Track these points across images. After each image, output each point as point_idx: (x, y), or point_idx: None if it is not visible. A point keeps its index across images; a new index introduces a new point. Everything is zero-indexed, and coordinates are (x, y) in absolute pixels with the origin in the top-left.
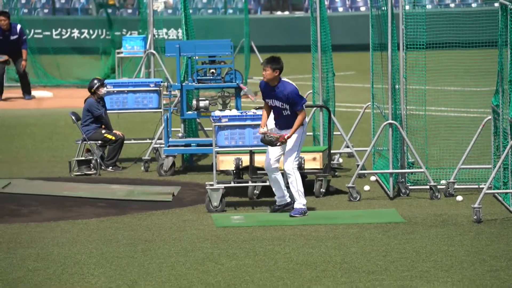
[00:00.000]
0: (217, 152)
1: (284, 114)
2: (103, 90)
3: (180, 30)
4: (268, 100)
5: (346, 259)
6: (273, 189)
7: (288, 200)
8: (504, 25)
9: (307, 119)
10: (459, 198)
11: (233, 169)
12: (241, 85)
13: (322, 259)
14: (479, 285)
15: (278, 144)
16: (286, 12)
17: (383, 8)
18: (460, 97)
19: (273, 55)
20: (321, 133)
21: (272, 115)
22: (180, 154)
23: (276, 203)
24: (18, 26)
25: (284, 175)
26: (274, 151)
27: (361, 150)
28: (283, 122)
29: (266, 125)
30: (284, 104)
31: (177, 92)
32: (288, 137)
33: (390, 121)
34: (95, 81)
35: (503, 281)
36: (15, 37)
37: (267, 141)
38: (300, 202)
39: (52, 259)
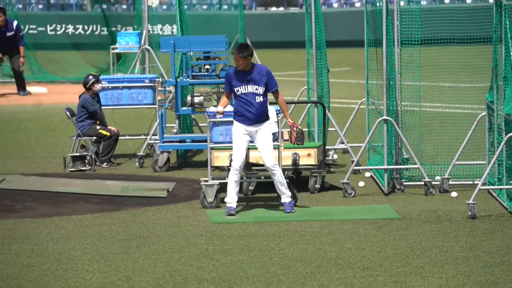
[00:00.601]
0: (212, 148)
1: (257, 101)
2: (98, 86)
3: (175, 26)
4: (239, 87)
5: (340, 255)
6: (235, 192)
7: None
8: (498, 21)
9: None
10: (454, 194)
11: (228, 165)
12: None
13: (316, 255)
14: (473, 281)
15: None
16: (281, 8)
17: (378, 4)
18: (454, 93)
19: (240, 43)
20: (315, 129)
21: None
22: (175, 150)
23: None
24: (15, 23)
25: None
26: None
27: (356, 146)
28: (255, 111)
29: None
30: (259, 88)
31: (171, 88)
32: (290, 122)
33: (384, 117)
34: (90, 77)
35: (497, 277)
36: (11, 33)
37: (300, 135)
38: (288, 194)
39: (47, 255)
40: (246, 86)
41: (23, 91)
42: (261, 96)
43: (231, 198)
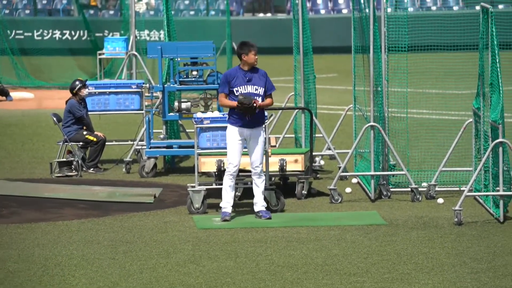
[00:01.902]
0: (199, 154)
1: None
2: (85, 91)
3: (162, 32)
4: (239, 87)
5: (327, 261)
6: (230, 197)
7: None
8: (485, 28)
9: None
10: (440, 200)
11: (215, 171)
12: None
13: (303, 261)
14: (460, 287)
15: (254, 107)
16: (268, 14)
17: (365, 10)
18: (441, 100)
19: (243, 40)
20: (302, 135)
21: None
22: (162, 156)
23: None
24: None
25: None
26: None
27: (343, 152)
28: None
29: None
30: (260, 89)
31: (159, 94)
32: (260, 105)
33: (372, 123)
34: (77, 82)
35: (483, 283)
36: None
37: (247, 101)
38: (264, 204)
39: (33, 261)
40: (246, 86)
41: (9, 96)
42: (260, 98)
43: (226, 203)
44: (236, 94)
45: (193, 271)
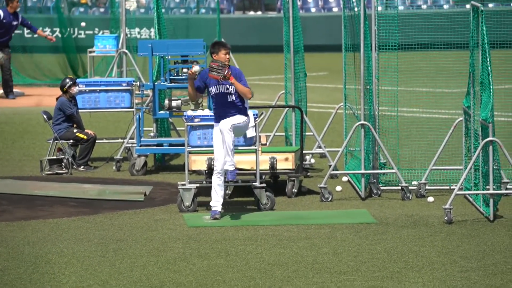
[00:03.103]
0: (190, 152)
1: (229, 100)
2: (75, 89)
3: (152, 30)
4: (212, 88)
5: (317, 259)
6: (219, 195)
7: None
8: (475, 26)
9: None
10: (430, 199)
11: (205, 169)
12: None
13: (293, 259)
14: (449, 285)
15: (224, 75)
16: (259, 12)
17: (356, 9)
18: (432, 98)
19: (216, 40)
20: (293, 133)
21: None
22: (152, 154)
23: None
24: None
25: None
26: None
27: (333, 151)
28: (228, 110)
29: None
30: (231, 87)
31: (149, 92)
32: (231, 80)
33: (362, 121)
34: (67, 80)
35: (473, 282)
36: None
37: (219, 67)
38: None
39: (23, 259)
40: (217, 86)
41: (12, 94)
42: (232, 95)
43: (216, 201)
44: (211, 94)
45: (183, 269)
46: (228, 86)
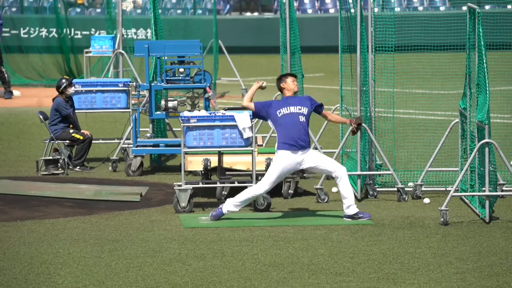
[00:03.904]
0: (186, 153)
1: (300, 120)
2: (71, 90)
3: (149, 30)
4: (281, 109)
5: (313, 261)
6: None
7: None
8: (472, 28)
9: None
10: (426, 200)
11: (202, 169)
12: (208, 88)
13: (289, 260)
14: (445, 287)
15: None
16: (255, 13)
17: (352, 10)
18: (428, 100)
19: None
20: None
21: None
22: (148, 154)
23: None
24: None
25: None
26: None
27: (329, 152)
28: (301, 131)
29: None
30: (302, 107)
31: (145, 92)
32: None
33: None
34: (63, 81)
35: (469, 283)
36: None
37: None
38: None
39: (19, 259)
40: (288, 107)
41: (9, 93)
42: (304, 116)
43: (235, 206)
44: (278, 115)
45: (179, 269)
46: (300, 106)
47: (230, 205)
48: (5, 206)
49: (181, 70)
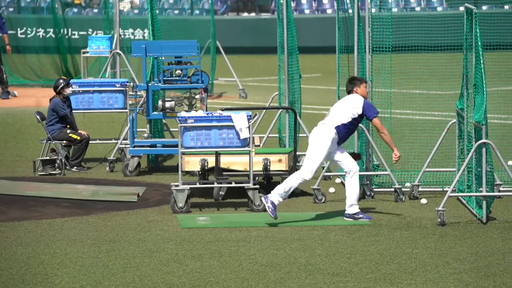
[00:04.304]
0: (183, 153)
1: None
2: (68, 90)
3: (146, 30)
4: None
5: (310, 261)
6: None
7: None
8: (469, 28)
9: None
10: (424, 201)
11: (199, 170)
12: (202, 90)
13: (286, 261)
14: (442, 287)
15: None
16: (253, 14)
17: (350, 10)
18: (425, 100)
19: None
20: (286, 135)
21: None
22: (146, 155)
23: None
24: None
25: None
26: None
27: None
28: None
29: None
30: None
31: (143, 93)
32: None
33: None
34: (61, 81)
35: (466, 283)
36: None
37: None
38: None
39: (16, 259)
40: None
41: (6, 93)
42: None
43: (280, 195)
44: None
45: (176, 270)
46: None
47: (275, 196)
48: (2, 206)
49: (178, 72)
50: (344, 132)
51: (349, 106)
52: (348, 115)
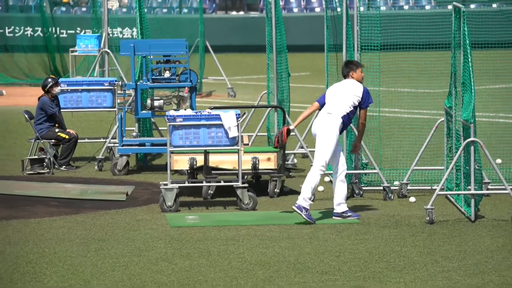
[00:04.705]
0: (172, 152)
1: None
2: (56, 89)
3: (134, 29)
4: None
5: (299, 259)
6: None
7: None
8: (457, 27)
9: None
10: (412, 199)
11: (188, 169)
12: (186, 89)
13: (275, 259)
14: (431, 285)
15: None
16: (241, 12)
17: (338, 9)
18: (413, 99)
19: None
20: (275, 133)
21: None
22: (134, 154)
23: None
24: None
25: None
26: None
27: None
28: None
29: None
30: None
31: (131, 91)
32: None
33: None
34: (49, 80)
35: (454, 281)
36: None
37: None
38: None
39: (4, 258)
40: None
41: None
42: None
43: (311, 198)
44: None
45: (165, 269)
46: None
47: (306, 201)
48: None
49: (167, 73)
50: (347, 122)
51: (349, 95)
52: (350, 103)
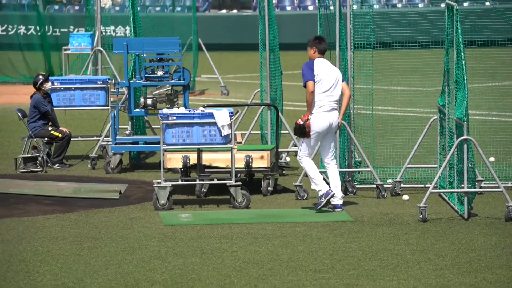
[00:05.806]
0: (165, 150)
1: None
2: (47, 85)
3: (128, 27)
4: None
5: (293, 258)
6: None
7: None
8: (450, 25)
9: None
10: (405, 197)
11: (181, 167)
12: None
13: (269, 258)
14: (424, 283)
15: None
16: (234, 11)
17: (331, 7)
18: (407, 97)
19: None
20: (268, 131)
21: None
22: (128, 152)
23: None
24: None
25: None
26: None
27: None
28: None
29: None
30: None
31: (124, 90)
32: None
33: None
34: (40, 76)
35: (447, 280)
36: None
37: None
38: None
39: None
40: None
41: None
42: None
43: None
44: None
45: (158, 267)
46: None
47: (341, 199)
48: None
49: (160, 73)
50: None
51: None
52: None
